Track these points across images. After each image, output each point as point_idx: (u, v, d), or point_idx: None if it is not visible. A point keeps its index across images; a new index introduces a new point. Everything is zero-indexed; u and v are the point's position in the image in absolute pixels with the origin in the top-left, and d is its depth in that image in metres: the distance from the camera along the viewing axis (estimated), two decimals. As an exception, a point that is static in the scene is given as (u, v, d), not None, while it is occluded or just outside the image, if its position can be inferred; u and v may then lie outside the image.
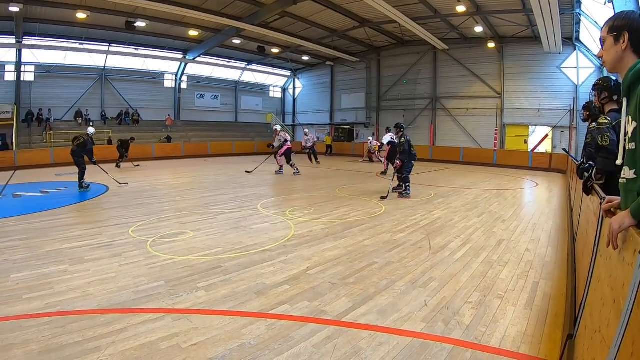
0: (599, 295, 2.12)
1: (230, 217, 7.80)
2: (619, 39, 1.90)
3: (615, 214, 1.85)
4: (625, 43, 1.88)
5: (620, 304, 1.52)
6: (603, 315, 1.87)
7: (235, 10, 21.52)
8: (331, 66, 33.54)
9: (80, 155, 11.60)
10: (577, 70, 21.72)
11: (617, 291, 1.68)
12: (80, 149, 11.60)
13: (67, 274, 4.50)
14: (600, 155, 4.00)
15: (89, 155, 11.82)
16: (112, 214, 8.06)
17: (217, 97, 33.95)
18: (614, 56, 1.94)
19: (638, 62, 1.76)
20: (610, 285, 1.87)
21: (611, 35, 1.94)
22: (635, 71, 1.73)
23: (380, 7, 18.04)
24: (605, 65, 2.06)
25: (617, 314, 1.55)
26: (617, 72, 2.02)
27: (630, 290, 1.43)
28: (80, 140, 11.72)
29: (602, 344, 1.72)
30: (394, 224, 7.34)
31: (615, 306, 1.64)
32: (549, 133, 22.83)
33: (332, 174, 16.67)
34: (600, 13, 15.25)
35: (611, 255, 1.94)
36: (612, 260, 1.90)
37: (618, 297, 1.62)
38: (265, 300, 3.85)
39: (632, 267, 1.48)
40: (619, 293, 1.61)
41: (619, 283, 1.66)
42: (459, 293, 4.07)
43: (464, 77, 26.19)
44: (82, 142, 11.65)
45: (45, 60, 24.36)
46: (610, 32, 1.95)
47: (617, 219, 1.70)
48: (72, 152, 11.64)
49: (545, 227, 7.44)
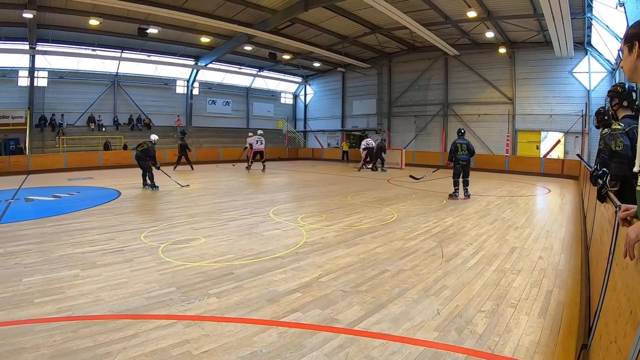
0: (615, 305, 2.09)
1: (242, 223, 7.82)
2: (632, 49, 1.89)
3: (631, 223, 1.83)
4: (637, 52, 1.86)
5: (638, 315, 1.50)
6: (619, 326, 1.84)
7: (247, 17, 21.67)
8: (342, 72, 33.55)
9: (145, 159, 12.51)
10: (589, 75, 21.54)
11: (634, 302, 1.65)
12: (144, 154, 12.52)
13: (79, 279, 4.54)
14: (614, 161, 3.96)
15: (152, 160, 12.60)
16: (124, 219, 8.12)
17: (228, 103, 34.14)
18: (629, 66, 1.92)
19: None
20: (626, 295, 1.85)
21: (626, 45, 1.93)
22: None
23: (391, 13, 18.06)
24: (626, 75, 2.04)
25: (633, 325, 1.52)
26: (635, 82, 2.01)
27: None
28: (144, 146, 12.63)
29: (618, 355, 1.69)
30: (406, 231, 7.32)
31: (632, 317, 1.62)
32: (561, 139, 22.65)
33: (343, 180, 16.66)
34: (612, 17, 15.15)
35: (627, 264, 1.91)
36: (629, 270, 1.88)
37: (635, 308, 1.59)
38: (277, 307, 3.85)
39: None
40: (636, 304, 1.58)
41: (636, 294, 1.64)
42: (471, 302, 4.04)
43: (475, 82, 26.10)
44: (146, 148, 12.54)
45: (58, 66, 24.71)
46: (625, 42, 1.94)
47: (635, 229, 1.68)
48: (136, 157, 12.71)
49: (558, 235, 7.37)
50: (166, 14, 18.78)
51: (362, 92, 32.99)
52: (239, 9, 20.49)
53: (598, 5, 16.03)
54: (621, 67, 2.10)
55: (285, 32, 23.67)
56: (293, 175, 19.37)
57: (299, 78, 37.09)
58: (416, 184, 14.64)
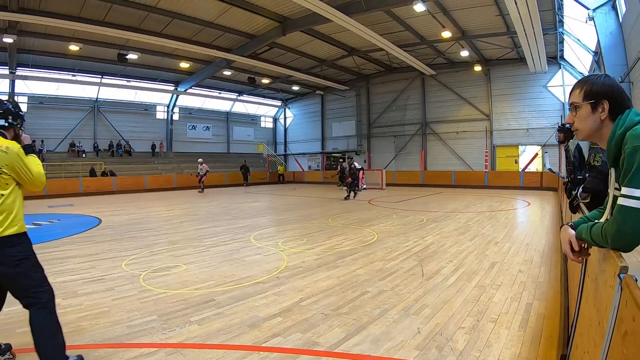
0: (587, 316, 2.12)
1: (224, 249, 7.76)
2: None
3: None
4: (605, 113, 1.75)
5: (604, 326, 1.53)
6: (591, 336, 1.87)
7: (226, 42, 21.90)
8: (321, 95, 33.96)
9: None
10: (563, 88, 22.20)
11: (601, 313, 1.69)
12: None
13: (60, 308, 4.43)
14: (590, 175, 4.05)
15: None
16: (104, 247, 8.00)
17: (208, 128, 34.24)
18: (591, 125, 1.81)
19: (615, 131, 1.68)
20: (596, 306, 1.89)
21: (588, 102, 1.79)
22: (616, 140, 1.66)
23: (368, 36, 18.43)
24: (578, 134, 1.91)
25: (602, 335, 1.55)
26: (592, 141, 1.92)
27: (611, 313, 1.44)
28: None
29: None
30: (386, 251, 7.33)
31: (600, 328, 1.65)
32: (539, 152, 23.08)
33: (324, 203, 16.68)
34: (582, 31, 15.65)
35: (597, 276, 1.96)
36: (598, 281, 1.92)
37: (602, 319, 1.63)
38: (258, 332, 3.82)
39: (612, 289, 1.50)
40: (603, 315, 1.62)
41: (603, 305, 1.67)
42: (452, 319, 4.05)
43: (452, 101, 26.61)
44: None
45: (38, 91, 24.76)
46: (586, 99, 1.80)
47: (564, 237, 1.91)
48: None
49: (538, 247, 7.46)
50: (146, 40, 18.94)
51: (341, 114, 33.41)
52: (217, 34, 20.73)
53: (569, 20, 16.56)
54: (569, 123, 1.93)
55: (263, 56, 23.95)
56: (274, 199, 19.35)
57: (278, 102, 37.41)
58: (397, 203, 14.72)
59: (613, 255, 1.62)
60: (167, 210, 14.80)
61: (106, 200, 19.07)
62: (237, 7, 17.74)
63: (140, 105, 29.65)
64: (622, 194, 1.55)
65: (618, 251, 1.62)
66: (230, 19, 19.24)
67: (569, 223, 2.00)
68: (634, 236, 1.54)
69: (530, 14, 13.87)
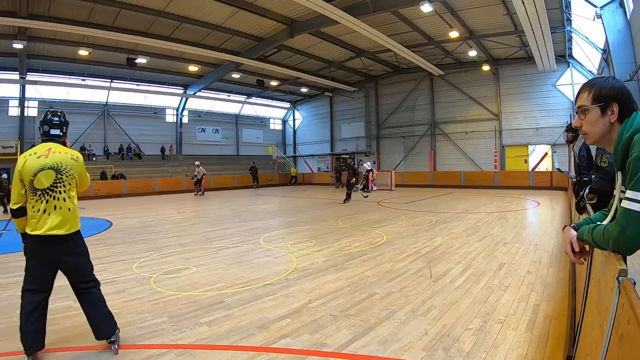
0: (591, 318, 2.14)
1: (233, 251, 7.82)
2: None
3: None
4: (614, 115, 1.74)
5: (604, 328, 1.55)
6: (593, 338, 1.89)
7: (234, 45, 22.01)
8: (330, 96, 33.98)
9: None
10: (572, 86, 22.03)
11: (602, 315, 1.71)
12: None
13: (72, 310, 4.51)
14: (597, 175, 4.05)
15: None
16: (115, 250, 8.10)
17: (218, 130, 34.36)
18: (601, 129, 1.79)
19: (622, 134, 1.68)
20: (598, 308, 1.91)
21: (597, 105, 1.77)
22: (624, 144, 1.65)
23: (375, 37, 18.44)
24: (587, 138, 1.90)
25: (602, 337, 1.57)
26: (602, 145, 1.90)
27: (610, 316, 1.47)
28: None
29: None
30: (395, 253, 7.35)
31: (600, 330, 1.67)
32: (548, 151, 22.92)
33: (334, 205, 16.70)
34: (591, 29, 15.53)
35: (599, 279, 1.98)
36: (600, 283, 1.94)
37: (603, 321, 1.64)
38: (267, 334, 3.87)
39: (612, 291, 1.52)
40: (604, 317, 1.63)
41: (604, 307, 1.69)
42: (459, 320, 4.07)
43: (461, 101, 26.50)
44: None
45: (48, 95, 24.99)
46: (596, 102, 1.78)
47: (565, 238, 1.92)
48: None
49: (547, 247, 7.43)
50: (154, 44, 19.10)
51: (350, 115, 33.38)
52: (225, 37, 20.83)
53: (577, 18, 16.45)
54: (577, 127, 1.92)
55: (272, 58, 24.05)
56: (284, 201, 19.40)
57: (287, 104, 37.48)
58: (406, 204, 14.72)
59: (614, 257, 1.64)
60: (177, 213, 14.93)
61: (117, 203, 19.27)
62: (245, 10, 17.82)
63: (149, 108, 29.85)
64: (626, 197, 1.56)
65: (619, 254, 1.65)
66: (238, 22, 19.34)
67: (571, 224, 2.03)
68: (636, 240, 1.56)
69: (538, 13, 13.80)
